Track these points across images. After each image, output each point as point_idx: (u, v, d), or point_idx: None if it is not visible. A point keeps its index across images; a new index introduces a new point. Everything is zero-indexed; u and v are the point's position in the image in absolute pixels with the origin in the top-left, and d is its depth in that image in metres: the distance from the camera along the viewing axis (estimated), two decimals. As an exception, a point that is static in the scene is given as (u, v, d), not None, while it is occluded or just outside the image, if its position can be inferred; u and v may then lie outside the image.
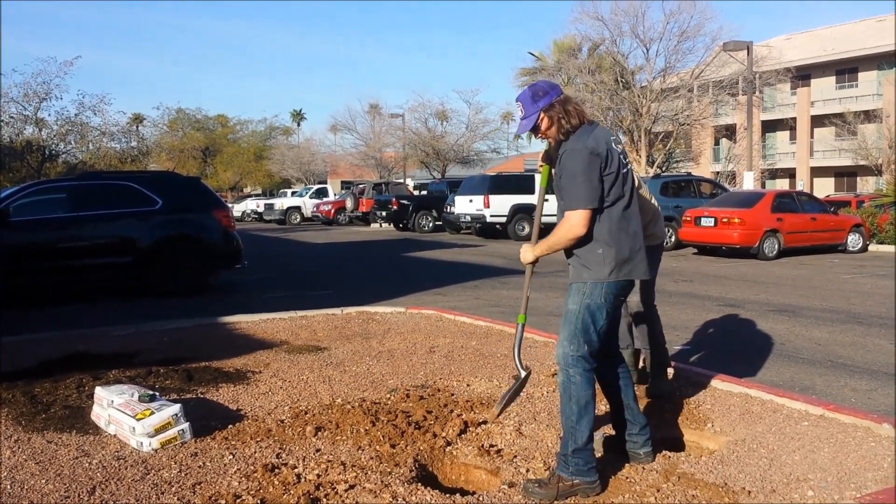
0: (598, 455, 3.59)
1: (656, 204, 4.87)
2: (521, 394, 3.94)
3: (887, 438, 3.91)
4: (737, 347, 7.23)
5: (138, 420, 3.85)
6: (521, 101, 3.44)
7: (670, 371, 5.13)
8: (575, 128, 3.39)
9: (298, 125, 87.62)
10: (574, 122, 3.38)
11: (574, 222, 3.31)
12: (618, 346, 3.90)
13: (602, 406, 4.00)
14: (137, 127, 55.95)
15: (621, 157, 3.43)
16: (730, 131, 40.74)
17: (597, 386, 3.57)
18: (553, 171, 3.58)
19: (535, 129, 3.48)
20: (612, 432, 3.86)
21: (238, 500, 3.20)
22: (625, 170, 3.42)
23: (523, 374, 3.68)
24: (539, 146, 66.29)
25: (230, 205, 28.36)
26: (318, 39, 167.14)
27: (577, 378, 3.35)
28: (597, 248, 3.37)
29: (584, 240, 3.36)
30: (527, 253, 3.60)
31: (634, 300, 4.85)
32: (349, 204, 35.20)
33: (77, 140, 31.30)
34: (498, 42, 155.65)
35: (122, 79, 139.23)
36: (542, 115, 3.42)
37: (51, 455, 3.76)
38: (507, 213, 23.32)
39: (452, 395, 4.84)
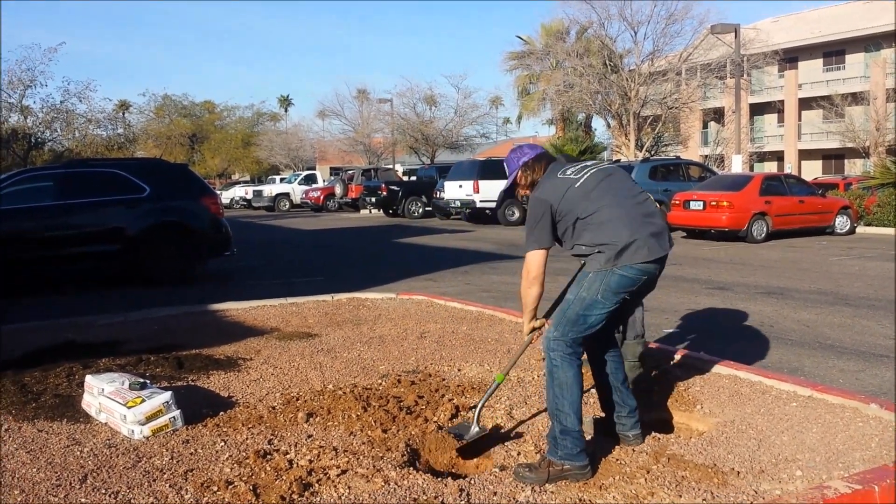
0: (588, 437, 3.61)
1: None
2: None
3: (875, 419, 3.95)
4: (725, 330, 7.27)
5: (129, 408, 3.84)
6: (506, 162, 3.83)
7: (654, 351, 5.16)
8: (536, 181, 3.69)
9: (286, 111, 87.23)
10: (537, 176, 3.70)
11: (527, 263, 3.59)
12: (613, 334, 3.93)
13: (593, 391, 4.01)
14: (123, 114, 55.52)
15: (589, 170, 3.58)
16: (718, 114, 40.83)
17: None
18: None
19: (516, 185, 3.82)
20: (602, 415, 3.89)
21: (230, 487, 3.20)
22: (594, 182, 3.52)
23: (476, 430, 3.73)
24: (528, 131, 66.09)
25: (218, 192, 28.18)
26: (305, 25, 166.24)
27: (559, 361, 3.40)
28: (594, 251, 3.46)
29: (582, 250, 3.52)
30: (526, 324, 3.77)
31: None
32: (338, 190, 35.08)
33: (63, 127, 31.07)
34: (486, 26, 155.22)
35: (107, 65, 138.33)
36: (519, 172, 3.75)
37: (42, 444, 3.75)
38: (496, 199, 23.31)
39: (443, 379, 4.85)
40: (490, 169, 24.09)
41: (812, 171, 40.81)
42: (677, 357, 5.28)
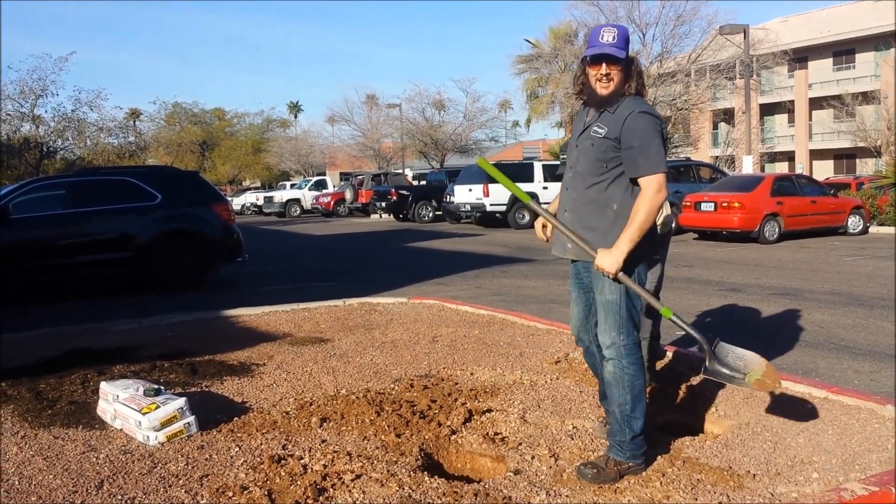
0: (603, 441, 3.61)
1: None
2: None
3: (891, 420, 3.93)
4: (738, 331, 7.23)
5: (144, 414, 3.86)
6: (620, 33, 3.26)
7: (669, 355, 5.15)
8: (637, 92, 3.36)
9: (296, 117, 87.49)
10: (640, 85, 3.36)
11: (657, 188, 3.22)
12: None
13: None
14: (134, 122, 55.67)
15: None
16: (728, 115, 40.69)
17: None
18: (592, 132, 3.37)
19: (606, 62, 3.27)
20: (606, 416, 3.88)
21: (245, 492, 3.21)
22: None
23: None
24: (537, 134, 65.90)
25: (229, 198, 28.28)
26: (314, 32, 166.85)
27: (632, 368, 3.36)
28: (623, 222, 3.28)
29: (618, 211, 3.31)
30: (610, 258, 3.22)
31: None
32: (348, 195, 35.20)
33: (74, 136, 31.32)
34: (494, 30, 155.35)
35: (117, 74, 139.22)
36: (627, 58, 3.31)
37: (58, 450, 3.78)
38: (506, 202, 23.30)
39: (456, 384, 4.85)
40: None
41: (823, 170, 40.65)
42: (691, 359, 5.25)
